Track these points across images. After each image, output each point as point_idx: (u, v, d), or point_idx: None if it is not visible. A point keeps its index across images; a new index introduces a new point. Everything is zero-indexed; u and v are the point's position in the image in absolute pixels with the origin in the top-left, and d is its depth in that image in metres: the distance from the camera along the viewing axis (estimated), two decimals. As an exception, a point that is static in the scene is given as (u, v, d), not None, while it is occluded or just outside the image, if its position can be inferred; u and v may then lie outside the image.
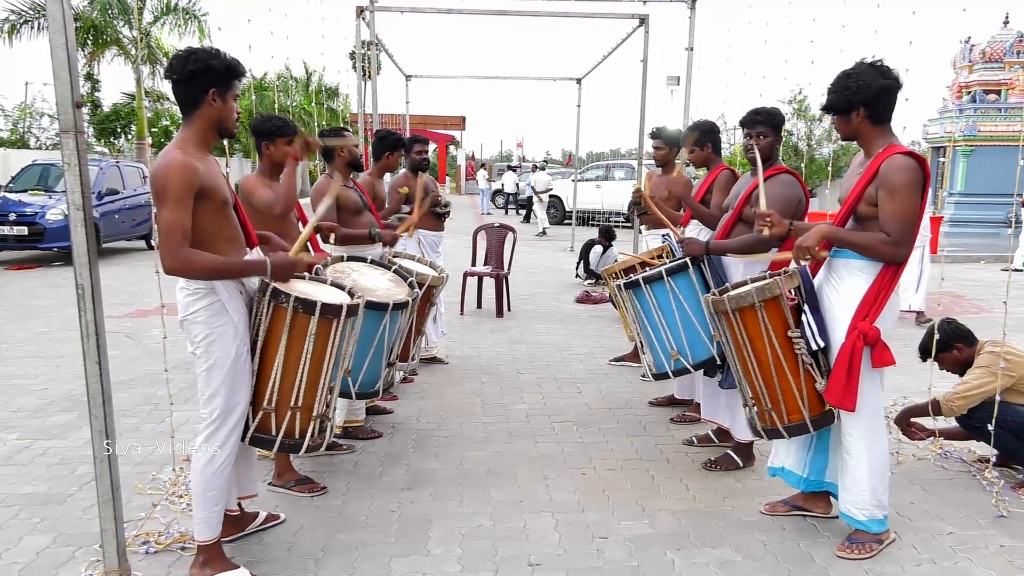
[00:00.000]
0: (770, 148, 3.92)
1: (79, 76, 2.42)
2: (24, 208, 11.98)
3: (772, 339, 3.17)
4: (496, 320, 8.12)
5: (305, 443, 2.98)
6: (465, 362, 6.33)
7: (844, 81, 3.03)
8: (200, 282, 2.74)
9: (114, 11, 20.64)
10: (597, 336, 7.40)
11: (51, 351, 6.49)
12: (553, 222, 21.95)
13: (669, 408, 5.13)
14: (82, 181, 2.40)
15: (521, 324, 7.91)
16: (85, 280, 2.46)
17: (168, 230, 2.57)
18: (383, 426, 4.70)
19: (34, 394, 5.30)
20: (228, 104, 2.78)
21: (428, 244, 6.20)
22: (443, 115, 41.06)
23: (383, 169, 5.54)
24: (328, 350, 2.94)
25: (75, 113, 2.36)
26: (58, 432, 4.55)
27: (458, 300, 8.52)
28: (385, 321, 3.67)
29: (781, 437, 3.30)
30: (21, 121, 26.91)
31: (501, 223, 9.15)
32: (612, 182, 20.61)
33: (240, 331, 2.82)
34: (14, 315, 8.03)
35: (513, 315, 8.40)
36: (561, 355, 6.62)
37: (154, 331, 7.20)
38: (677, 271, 3.90)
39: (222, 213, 2.79)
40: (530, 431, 4.67)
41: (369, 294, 3.65)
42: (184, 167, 2.60)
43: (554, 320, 8.15)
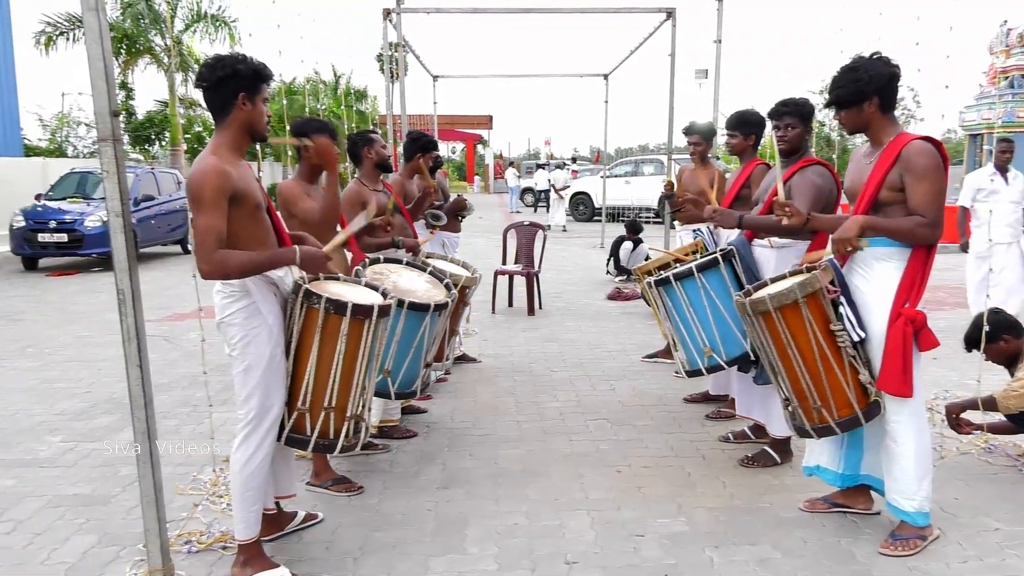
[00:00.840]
0: (799, 139, 3.88)
1: (115, 85, 2.46)
2: (63, 215, 12.24)
3: (816, 334, 3.11)
4: (527, 318, 8.12)
5: (339, 443, 3.01)
6: (497, 361, 6.34)
7: (852, 74, 3.06)
8: (235, 285, 2.78)
9: (146, 20, 20.98)
10: (629, 333, 7.36)
11: (93, 355, 6.63)
12: (581, 219, 21.92)
13: (704, 404, 5.09)
14: (120, 189, 2.45)
15: (552, 322, 7.90)
16: (125, 286, 2.50)
17: (203, 235, 2.61)
18: (418, 425, 4.72)
19: (77, 397, 5.41)
20: (258, 107, 2.82)
21: (450, 245, 6.23)
22: (470, 115, 41.17)
23: (413, 170, 5.55)
24: (360, 350, 2.96)
25: (112, 122, 2.40)
26: (101, 434, 4.65)
27: (489, 299, 8.54)
28: (426, 322, 3.69)
29: (834, 434, 3.22)
30: (59, 130, 27.47)
31: (531, 221, 9.15)
32: (641, 178, 20.49)
33: (274, 333, 2.85)
34: (56, 320, 8.21)
35: (544, 313, 8.40)
36: (593, 352, 6.60)
37: (191, 334, 7.32)
38: (708, 267, 3.87)
39: (255, 217, 2.83)
40: (564, 429, 4.67)
41: (409, 295, 3.68)
42: (218, 172, 2.64)
43: (586, 317, 8.13)
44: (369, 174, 4.67)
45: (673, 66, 8.73)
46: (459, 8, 8.18)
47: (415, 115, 15.88)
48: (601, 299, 9.25)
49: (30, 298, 9.70)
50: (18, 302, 9.40)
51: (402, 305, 3.60)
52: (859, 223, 3.03)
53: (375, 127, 17.52)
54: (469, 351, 6.42)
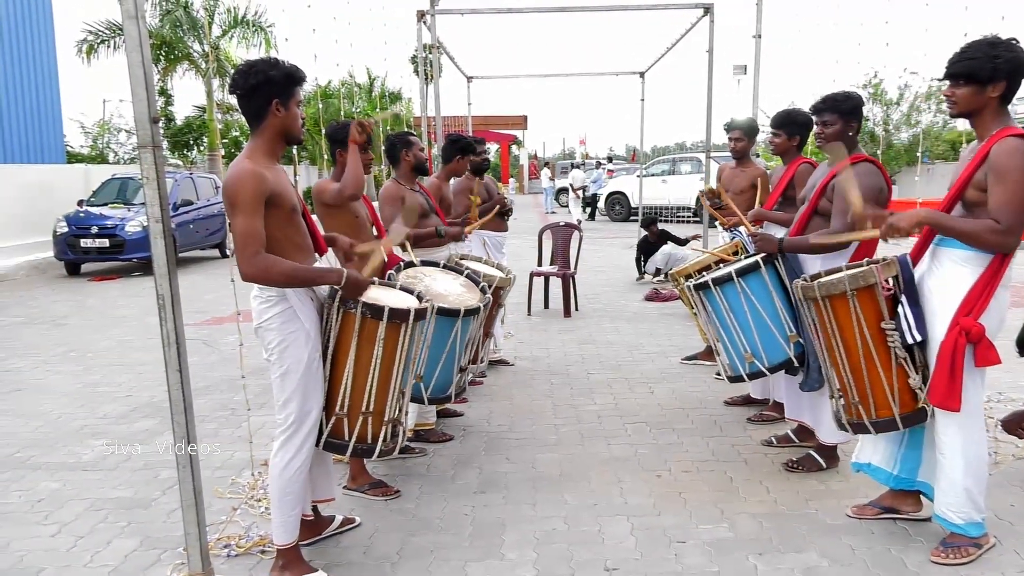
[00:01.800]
0: (838, 136, 3.78)
1: (155, 92, 2.50)
2: (105, 221, 12.52)
3: (863, 329, 3.05)
4: (564, 320, 8.09)
5: (378, 448, 3.02)
6: (534, 363, 6.33)
7: (991, 49, 2.80)
8: (272, 290, 2.81)
9: (184, 27, 21.38)
10: (668, 334, 7.29)
11: (133, 359, 6.76)
12: (618, 218, 21.82)
13: (745, 407, 5.02)
14: (160, 195, 2.49)
15: (589, 324, 7.87)
16: (165, 291, 2.54)
17: (243, 238, 2.64)
18: (454, 429, 4.73)
19: (118, 401, 5.52)
20: (292, 112, 2.84)
21: (492, 245, 6.24)
22: (505, 115, 41.21)
23: (451, 173, 5.57)
24: (397, 354, 2.97)
25: (152, 128, 2.44)
26: (142, 438, 4.73)
27: (525, 301, 8.53)
28: (457, 327, 3.69)
29: (867, 432, 3.18)
30: (100, 137, 28.11)
31: (567, 222, 9.11)
32: (678, 176, 20.33)
33: (312, 337, 2.87)
34: (98, 325, 8.40)
35: (581, 315, 8.36)
36: (631, 354, 6.55)
37: (230, 338, 7.43)
38: (748, 271, 3.80)
39: (291, 221, 2.85)
40: (602, 433, 4.64)
41: (440, 300, 3.68)
42: (253, 175, 2.67)
43: (623, 319, 8.08)
44: (406, 176, 4.70)
45: (711, 62, 8.63)
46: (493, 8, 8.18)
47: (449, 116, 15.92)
48: (638, 300, 9.18)
49: (73, 303, 9.93)
50: (61, 307, 9.64)
51: (433, 310, 3.61)
52: (919, 216, 2.89)
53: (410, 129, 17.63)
54: (504, 354, 6.41)
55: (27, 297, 10.47)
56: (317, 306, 2.95)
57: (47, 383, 6.07)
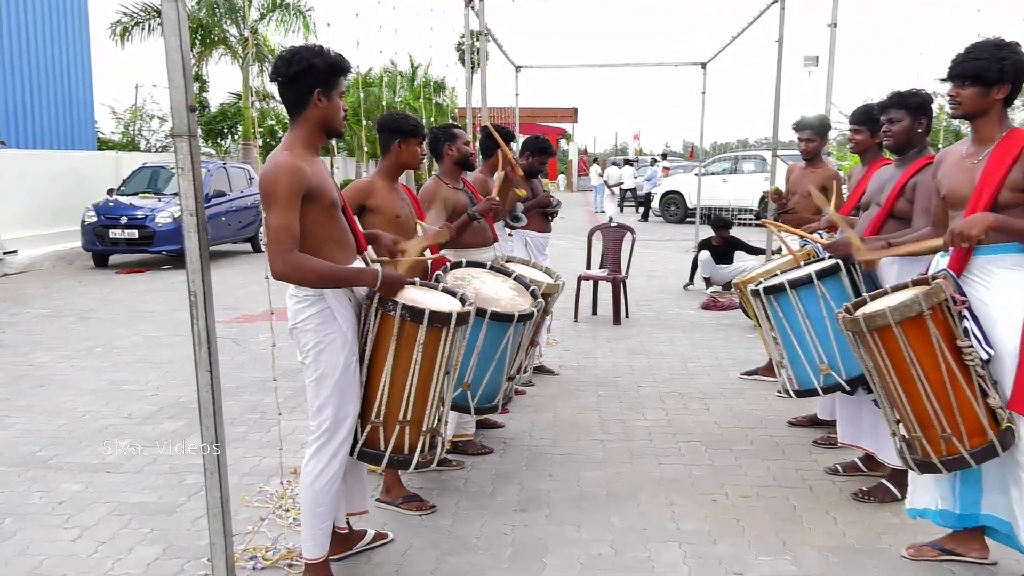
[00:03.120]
0: (905, 134, 3.74)
1: (192, 79, 2.54)
2: (135, 211, 12.82)
3: (944, 352, 2.94)
4: (613, 328, 8.05)
5: (415, 459, 3.03)
6: (580, 373, 6.30)
7: (998, 51, 2.96)
8: (309, 289, 2.84)
9: (221, 10, 21.81)
10: (726, 346, 7.20)
11: (161, 356, 6.90)
12: (673, 220, 21.64)
13: (811, 429, 4.92)
14: (195, 186, 2.52)
15: (641, 332, 7.81)
16: (198, 287, 2.58)
17: (276, 234, 2.67)
18: (494, 441, 4.72)
19: (144, 400, 5.64)
20: (334, 103, 2.86)
21: (535, 246, 6.22)
22: (554, 107, 41.21)
23: (493, 167, 5.58)
24: (438, 360, 2.97)
25: (188, 117, 2.48)
26: (168, 440, 4.82)
27: (571, 306, 8.49)
28: (509, 333, 3.69)
29: (966, 466, 3.03)
30: (131, 124, 28.84)
31: (618, 222, 9.06)
32: (740, 176, 20.08)
33: (349, 340, 2.89)
34: (125, 319, 8.60)
35: (631, 322, 8.30)
36: (686, 367, 6.48)
37: (261, 337, 7.54)
38: (828, 274, 3.74)
39: (330, 216, 2.88)
40: (653, 451, 4.59)
41: (492, 304, 3.68)
42: (291, 168, 2.70)
43: (677, 328, 8.00)
44: (449, 171, 4.70)
45: (780, 53, 8.51)
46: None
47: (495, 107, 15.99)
48: (694, 308, 9.09)
49: (100, 296, 10.19)
50: (88, 299, 9.89)
51: (484, 315, 3.60)
52: (987, 220, 2.87)
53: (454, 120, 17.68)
54: (548, 362, 6.40)
55: (53, 289, 10.77)
56: (355, 307, 2.97)
57: (72, 379, 6.23)
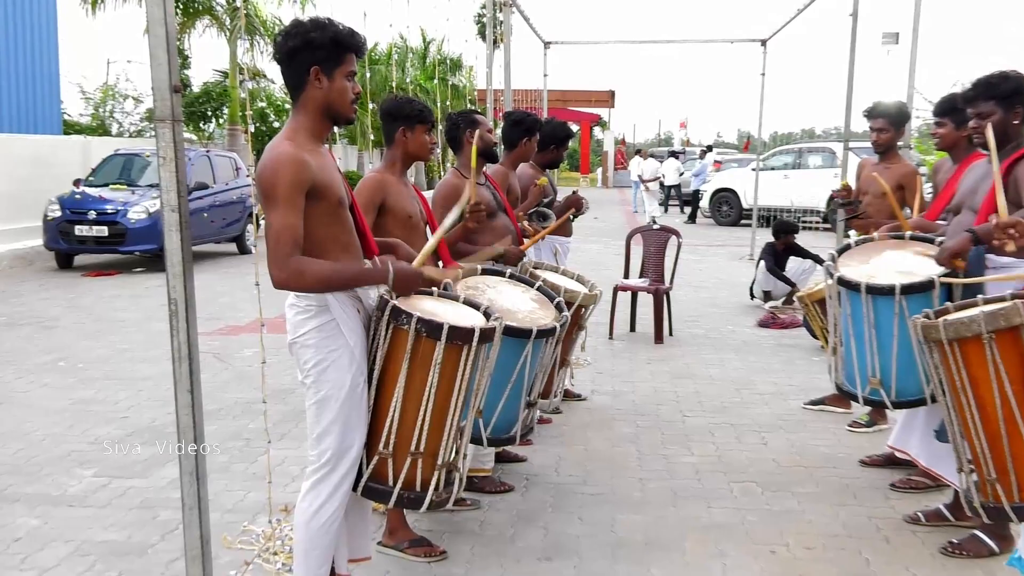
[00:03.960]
0: (1001, 128, 3.74)
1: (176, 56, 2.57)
2: (104, 205, 12.95)
3: (1004, 385, 2.95)
4: (654, 347, 8.03)
5: (428, 497, 3.03)
6: (616, 400, 6.29)
7: None
8: (312, 298, 2.86)
9: (206, -26, 22.05)
10: (786, 371, 7.17)
11: (133, 372, 6.96)
12: (725, 222, 21.59)
13: (887, 470, 4.88)
14: (179, 179, 2.55)
15: (687, 353, 7.79)
16: (179, 294, 2.60)
17: (277, 237, 2.69)
18: (515, 477, 4.72)
19: (114, 423, 5.69)
20: (337, 84, 2.88)
21: (565, 253, 6.22)
22: (587, 90, 41.31)
23: (519, 159, 5.60)
24: (457, 383, 2.98)
25: (172, 99, 2.52)
26: (139, 470, 4.86)
27: (606, 321, 8.49)
28: (527, 352, 3.69)
29: (1007, 520, 3.05)
30: (102, 104, 29.19)
31: (661, 225, 9.05)
32: (804, 171, 20.00)
33: (356, 357, 2.91)
34: (92, 329, 8.69)
35: (676, 341, 8.29)
36: (740, 394, 6.46)
37: (247, 351, 7.59)
38: (917, 290, 3.78)
39: (336, 216, 2.90)
40: (700, 492, 4.58)
41: (508, 317, 3.68)
42: (293, 161, 2.72)
43: (730, 348, 7.98)
44: (469, 164, 4.72)
45: (855, 29, 8.48)
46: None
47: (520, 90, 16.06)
48: (750, 325, 9.06)
49: (64, 301, 10.31)
50: (51, 306, 10.01)
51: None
52: None
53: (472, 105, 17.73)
54: (578, 386, 6.39)
55: (10, 294, 10.92)
56: (364, 320, 2.99)
57: (31, 398, 6.30)
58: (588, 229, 16.92)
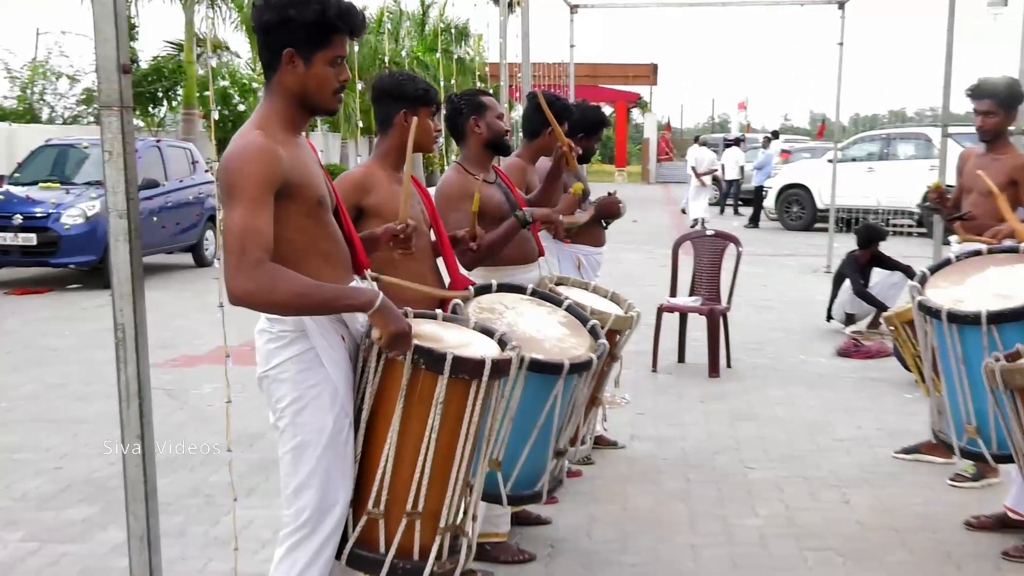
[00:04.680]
0: None
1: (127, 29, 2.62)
2: (33, 208, 13.03)
3: None
4: (709, 382, 8.03)
5: (428, 568, 3.03)
6: (661, 447, 6.29)
7: None
8: (287, 322, 2.88)
9: (157, -74, 22.30)
10: (873, 410, 7.15)
11: (67, 412, 7.00)
12: (796, 226, 21.52)
13: (998, 534, 4.86)
14: (127, 176, 2.59)
15: (748, 388, 7.79)
16: (127, 319, 2.63)
17: (241, 239, 2.69)
18: (537, 544, 4.72)
19: (45, 475, 5.72)
20: (316, 70, 2.90)
21: (588, 265, 6.22)
22: (623, 63, 41.36)
23: (540, 151, 5.60)
24: (463, 427, 2.98)
25: (121, 81, 2.55)
26: (77, 532, 4.89)
27: (647, 349, 8.47)
28: (557, 390, 3.69)
29: None
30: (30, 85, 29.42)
31: (716, 230, 9.04)
32: (894, 162, 19.97)
33: (341, 394, 2.93)
34: (18, 360, 8.75)
35: (736, 374, 8.29)
36: (814, 440, 6.45)
37: (206, 387, 7.62)
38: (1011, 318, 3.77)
39: (316, 219, 2.92)
40: (767, 562, 4.59)
41: (532, 347, 3.68)
42: (262, 152, 2.75)
43: (802, 383, 7.97)
44: (476, 156, 4.73)
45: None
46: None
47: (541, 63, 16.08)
48: (827, 355, 9.04)
49: (-16, 326, 10.39)
50: (-32, 331, 10.09)
51: (520, 363, 3.61)
52: None
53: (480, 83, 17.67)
54: (614, 431, 6.39)
55: (-80, 315, 11.00)
56: (350, 349, 3.02)
57: (-56, 443, 6.35)
58: (625, 235, 16.91)
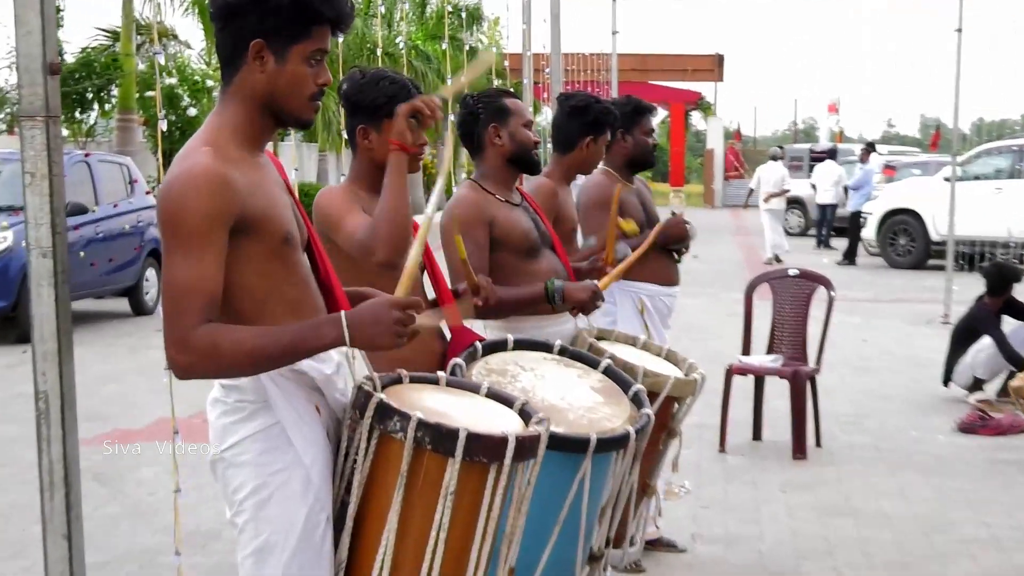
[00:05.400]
0: None
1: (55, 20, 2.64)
2: (-71, 240, 13.16)
3: None
4: (793, 465, 8.02)
5: None
6: (731, 550, 6.31)
7: None
8: (245, 388, 2.89)
9: None
10: (1004, 503, 7.14)
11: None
12: (904, 262, 21.49)
13: None
14: (53, 203, 2.59)
15: (844, 475, 7.78)
16: (51, 385, 2.64)
17: (181, 295, 2.69)
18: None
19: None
20: (289, 69, 2.90)
21: (654, 309, 6.24)
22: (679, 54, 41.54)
23: (575, 168, 5.62)
24: (480, 525, 2.98)
25: (47, 84, 2.56)
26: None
27: (714, 423, 8.46)
28: (583, 473, 3.67)
29: None
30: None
31: (802, 269, 9.03)
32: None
33: (315, 482, 2.93)
34: (-93, 434, 8.79)
35: (827, 455, 8.29)
36: (932, 544, 6.45)
37: (146, 471, 7.62)
38: None
39: (281, 260, 2.92)
40: None
41: (554, 417, 3.68)
42: (211, 180, 2.72)
43: (913, 467, 7.95)
44: (496, 174, 4.76)
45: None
46: None
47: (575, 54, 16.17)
48: (946, 430, 9.03)
49: None
50: None
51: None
52: None
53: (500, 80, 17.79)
54: (671, 529, 6.38)
55: None
56: (329, 422, 3.03)
57: None
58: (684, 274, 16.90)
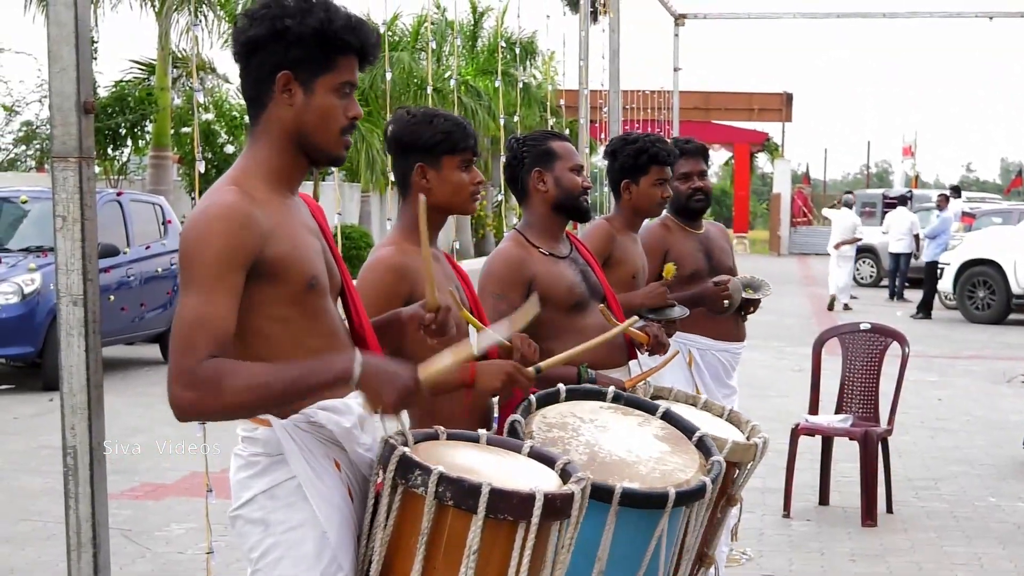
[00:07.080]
0: None
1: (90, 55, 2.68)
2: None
3: None
4: (863, 533, 7.97)
5: None
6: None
7: None
8: (259, 442, 2.90)
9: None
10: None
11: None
12: (984, 317, 21.33)
13: None
14: (85, 250, 2.62)
15: (916, 543, 7.73)
16: (81, 439, 2.66)
17: (188, 335, 2.69)
18: None
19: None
20: (317, 101, 2.93)
21: (710, 367, 6.21)
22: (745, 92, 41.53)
23: (630, 212, 5.59)
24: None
25: (81, 123, 2.60)
26: None
27: (779, 486, 8.42)
28: (661, 530, 3.64)
29: None
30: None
31: (873, 323, 8.98)
32: None
33: (332, 541, 2.94)
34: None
35: (899, 521, 8.24)
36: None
37: (176, 528, 7.65)
38: None
39: (304, 307, 2.93)
40: None
41: (623, 473, 3.64)
42: (231, 217, 2.75)
43: (993, 536, 7.90)
44: (542, 222, 4.75)
45: None
46: None
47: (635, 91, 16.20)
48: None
49: None
50: None
51: (608, 496, 3.57)
52: None
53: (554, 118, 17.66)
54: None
55: None
56: (350, 478, 3.04)
57: None
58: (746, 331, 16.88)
